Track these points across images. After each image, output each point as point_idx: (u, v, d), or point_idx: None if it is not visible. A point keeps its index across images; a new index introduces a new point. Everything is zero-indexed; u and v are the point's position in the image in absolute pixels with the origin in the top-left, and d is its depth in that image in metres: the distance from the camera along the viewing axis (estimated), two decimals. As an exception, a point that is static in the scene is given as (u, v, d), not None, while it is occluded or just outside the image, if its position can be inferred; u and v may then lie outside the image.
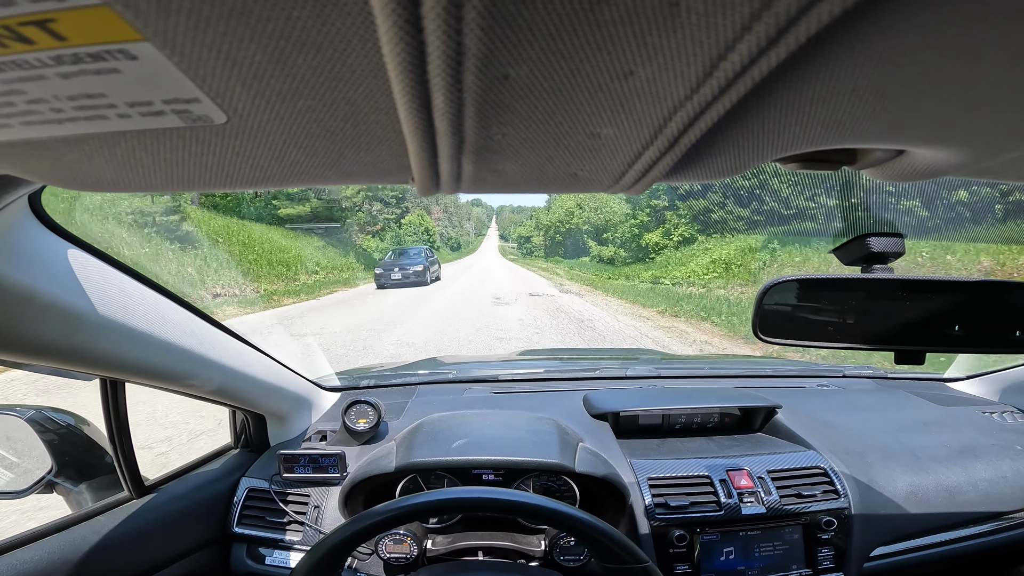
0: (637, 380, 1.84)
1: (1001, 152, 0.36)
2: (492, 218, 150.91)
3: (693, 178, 0.37)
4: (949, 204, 11.96)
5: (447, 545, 1.19)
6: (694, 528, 1.18)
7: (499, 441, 1.23)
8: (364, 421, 1.39)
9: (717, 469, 1.26)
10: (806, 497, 1.22)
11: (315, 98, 0.26)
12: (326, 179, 0.37)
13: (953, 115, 0.31)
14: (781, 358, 2.86)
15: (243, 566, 1.23)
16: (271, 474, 1.29)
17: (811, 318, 0.82)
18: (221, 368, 1.04)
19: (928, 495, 1.29)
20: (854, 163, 0.43)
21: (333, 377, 1.77)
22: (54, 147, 0.31)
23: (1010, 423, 1.59)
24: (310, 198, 25.43)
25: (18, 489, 1.03)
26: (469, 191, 0.38)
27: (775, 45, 0.22)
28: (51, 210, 0.65)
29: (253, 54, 0.23)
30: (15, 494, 1.03)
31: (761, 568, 1.19)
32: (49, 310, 0.63)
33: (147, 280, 0.85)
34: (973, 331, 0.75)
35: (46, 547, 0.90)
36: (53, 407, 1.12)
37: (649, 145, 0.31)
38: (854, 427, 1.51)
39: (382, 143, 0.31)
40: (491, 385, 1.79)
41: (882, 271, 0.71)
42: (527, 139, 0.30)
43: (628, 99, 0.26)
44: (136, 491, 1.10)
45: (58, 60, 0.23)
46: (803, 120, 0.30)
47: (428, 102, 0.25)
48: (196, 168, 0.33)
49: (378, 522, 0.84)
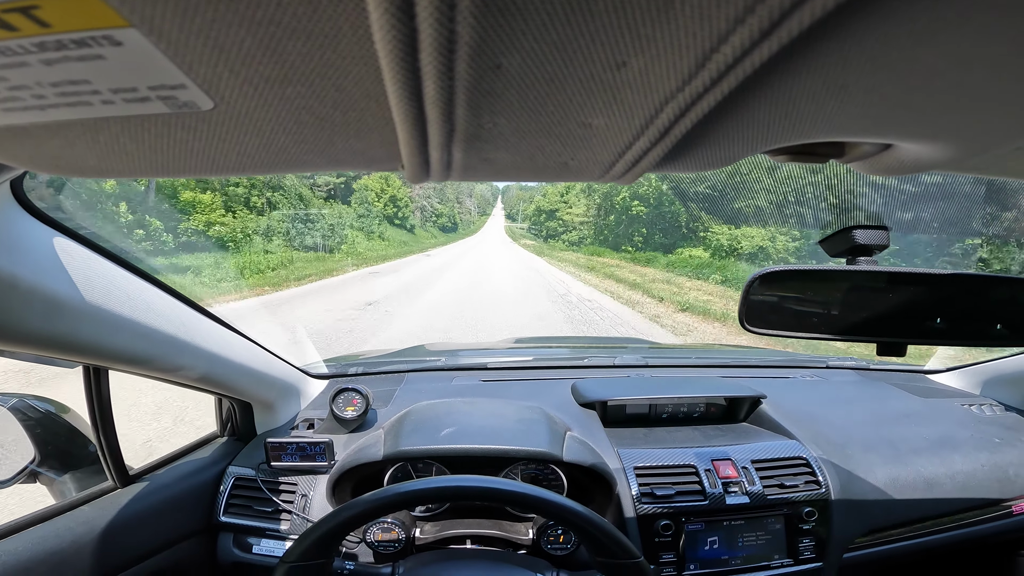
0: (625, 369, 1.86)
1: (988, 148, 0.37)
2: (498, 198, 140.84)
3: (683, 169, 0.37)
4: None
5: (435, 533, 1.19)
6: (679, 517, 1.20)
7: (487, 429, 1.23)
8: (352, 409, 1.39)
9: (702, 458, 1.28)
10: (788, 487, 1.24)
11: (304, 85, 0.26)
12: (314, 166, 0.36)
13: (942, 112, 0.31)
14: (767, 348, 2.89)
15: (230, 555, 1.23)
16: (258, 462, 1.29)
17: (797, 309, 0.83)
18: (207, 355, 1.04)
19: (907, 486, 1.31)
20: (842, 156, 0.43)
21: (321, 364, 1.76)
22: (36, 133, 0.30)
23: (988, 415, 1.62)
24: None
25: (1, 479, 1.01)
26: (459, 179, 0.38)
27: (767, 39, 0.22)
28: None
29: (241, 40, 0.22)
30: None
31: (744, 557, 1.21)
32: (31, 297, 0.63)
33: (132, 267, 0.84)
34: (955, 324, 0.76)
35: (30, 538, 0.89)
36: (35, 395, 1.10)
37: (640, 135, 0.31)
38: (836, 418, 1.53)
39: (372, 131, 0.31)
40: (480, 373, 1.79)
41: (867, 263, 0.72)
42: (518, 128, 0.30)
43: (620, 90, 0.26)
44: (120, 480, 1.09)
45: (41, 47, 0.22)
46: (792, 114, 0.31)
47: (419, 91, 0.24)
48: (181, 154, 0.33)
49: (371, 510, 0.84)
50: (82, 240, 0.73)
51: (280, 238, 21.17)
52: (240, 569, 1.23)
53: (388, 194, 35.43)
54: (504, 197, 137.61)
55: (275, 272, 15.20)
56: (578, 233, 36.46)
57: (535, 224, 55.35)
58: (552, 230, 42.59)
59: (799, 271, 0.82)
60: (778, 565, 1.21)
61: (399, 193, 38.07)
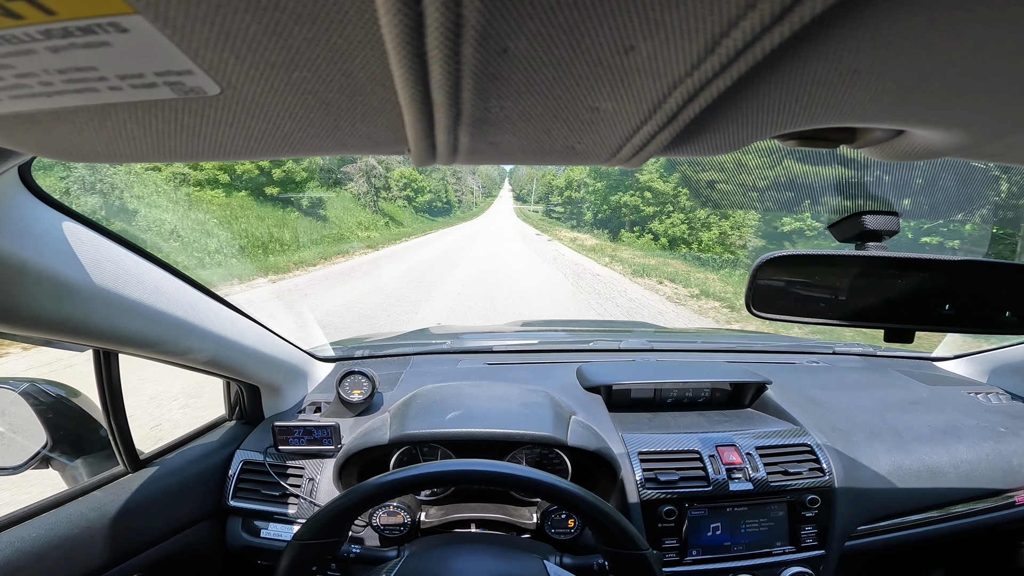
0: (630, 353, 1.86)
1: (1002, 136, 0.36)
2: (505, 179, 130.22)
3: (691, 153, 0.37)
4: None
5: (440, 517, 1.21)
6: (682, 503, 1.20)
7: (492, 413, 1.24)
8: (358, 392, 1.40)
9: (707, 444, 1.28)
10: (792, 474, 1.25)
11: (310, 70, 0.26)
12: (321, 150, 0.36)
13: (956, 98, 0.31)
14: (773, 333, 2.89)
15: (239, 540, 1.25)
16: (266, 446, 1.30)
17: (804, 294, 0.82)
18: (215, 338, 1.04)
19: (910, 475, 1.31)
20: (853, 141, 0.43)
21: (327, 347, 1.77)
22: (43, 120, 0.30)
23: (995, 404, 1.62)
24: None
25: (14, 465, 1.01)
26: (466, 162, 0.38)
27: (778, 24, 0.21)
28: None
29: (247, 26, 0.22)
30: (11, 470, 1.01)
31: (746, 544, 1.22)
32: (41, 281, 0.63)
33: (140, 250, 0.84)
34: (964, 311, 0.76)
35: (44, 523, 0.91)
36: (45, 379, 1.10)
37: (648, 120, 0.31)
38: (842, 405, 1.53)
39: (378, 115, 0.31)
40: (485, 356, 1.80)
41: (876, 249, 0.71)
42: (525, 112, 0.30)
43: (628, 74, 0.26)
44: (131, 465, 1.10)
45: (47, 34, 0.22)
46: (803, 99, 0.30)
47: (426, 75, 0.24)
48: (188, 139, 0.33)
49: (384, 491, 0.85)
50: (90, 224, 0.73)
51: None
52: (249, 553, 1.24)
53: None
54: (511, 179, 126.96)
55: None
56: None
57: (567, 206, 41.40)
58: (570, 214, 28.08)
59: (807, 256, 0.81)
60: (780, 552, 1.22)
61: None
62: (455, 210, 53.13)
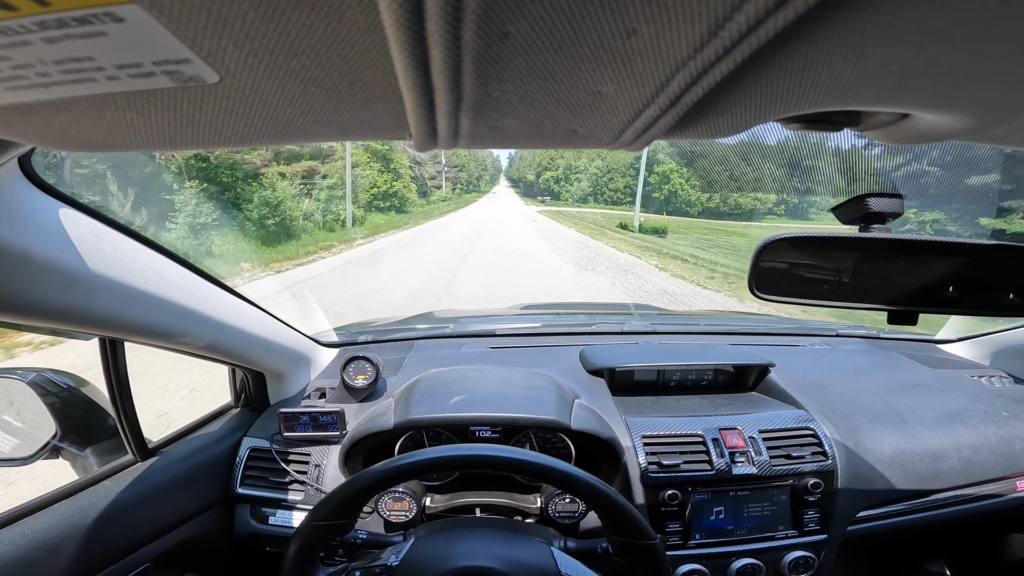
0: (633, 335, 1.86)
1: (1008, 119, 0.36)
2: (500, 173, 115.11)
3: (694, 136, 0.37)
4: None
5: (445, 503, 1.22)
6: (686, 487, 1.21)
7: (496, 397, 1.25)
8: (363, 377, 1.40)
9: (710, 428, 1.28)
10: (795, 458, 1.25)
11: (310, 56, 0.26)
12: (321, 136, 0.36)
13: (961, 82, 0.30)
14: (776, 316, 2.88)
15: (247, 527, 1.26)
16: (272, 433, 1.31)
17: (807, 276, 0.82)
18: (219, 325, 1.05)
19: (912, 459, 1.32)
20: (857, 125, 0.42)
21: (331, 333, 1.78)
22: (42, 110, 0.30)
23: (998, 388, 1.61)
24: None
25: (24, 455, 1.01)
26: (467, 147, 0.38)
27: (782, 7, 0.21)
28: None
29: (245, 13, 0.22)
30: (21, 460, 1.01)
31: (749, 528, 1.22)
32: (45, 270, 0.63)
33: (142, 237, 0.84)
34: (967, 293, 0.75)
35: (55, 514, 0.92)
36: (52, 368, 1.10)
37: (650, 103, 0.30)
38: (845, 388, 1.53)
39: (379, 100, 0.31)
40: (488, 340, 1.80)
41: (879, 231, 0.71)
42: (526, 96, 0.30)
43: (630, 57, 0.26)
44: (140, 454, 1.11)
45: (42, 25, 0.22)
46: (807, 83, 0.30)
47: (426, 60, 0.24)
48: (188, 128, 0.33)
49: (389, 476, 0.86)
50: (91, 212, 0.73)
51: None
52: (257, 540, 1.26)
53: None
54: (513, 166, 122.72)
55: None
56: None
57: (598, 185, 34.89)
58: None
59: (810, 238, 0.81)
60: (783, 536, 1.23)
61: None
62: (431, 195, 46.64)
